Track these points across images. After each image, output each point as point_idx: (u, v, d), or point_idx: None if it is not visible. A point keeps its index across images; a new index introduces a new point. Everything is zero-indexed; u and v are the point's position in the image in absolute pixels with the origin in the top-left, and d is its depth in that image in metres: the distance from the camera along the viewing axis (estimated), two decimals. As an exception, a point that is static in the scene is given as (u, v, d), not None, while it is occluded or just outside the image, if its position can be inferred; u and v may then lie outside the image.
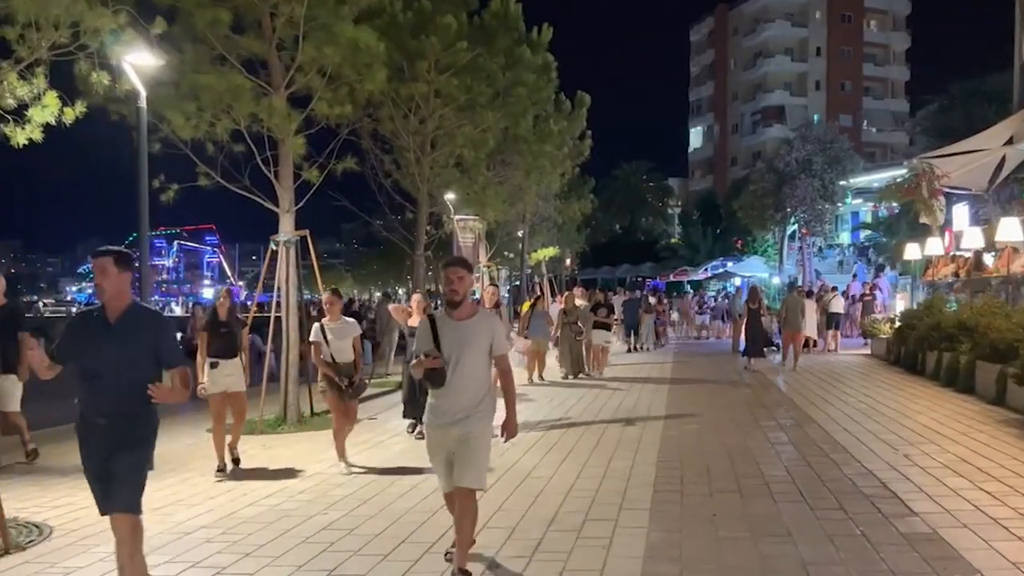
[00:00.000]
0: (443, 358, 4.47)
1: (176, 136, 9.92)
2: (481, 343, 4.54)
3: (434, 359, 4.46)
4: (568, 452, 8.22)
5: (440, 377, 4.48)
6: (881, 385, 13.14)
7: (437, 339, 4.51)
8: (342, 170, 11.75)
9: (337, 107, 10.57)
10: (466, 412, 4.52)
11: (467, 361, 4.50)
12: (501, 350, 4.67)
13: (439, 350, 4.47)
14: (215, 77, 9.45)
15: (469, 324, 4.55)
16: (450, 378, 4.49)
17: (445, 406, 4.55)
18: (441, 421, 4.56)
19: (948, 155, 18.05)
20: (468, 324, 4.55)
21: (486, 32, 15.22)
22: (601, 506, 6.13)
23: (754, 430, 9.32)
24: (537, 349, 14.52)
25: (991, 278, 14.75)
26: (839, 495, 6.19)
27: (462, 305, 4.58)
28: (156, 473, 7.93)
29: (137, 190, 7.95)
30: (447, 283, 4.56)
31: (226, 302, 8.09)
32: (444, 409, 4.55)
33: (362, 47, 10.09)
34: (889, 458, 7.47)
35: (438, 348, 4.48)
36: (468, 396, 4.53)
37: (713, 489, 6.55)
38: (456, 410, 4.51)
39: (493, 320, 4.69)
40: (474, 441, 4.54)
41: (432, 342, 4.52)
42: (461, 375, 4.50)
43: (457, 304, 4.55)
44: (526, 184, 19.43)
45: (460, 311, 4.56)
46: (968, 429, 8.79)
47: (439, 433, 4.60)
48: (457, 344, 4.49)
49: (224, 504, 6.60)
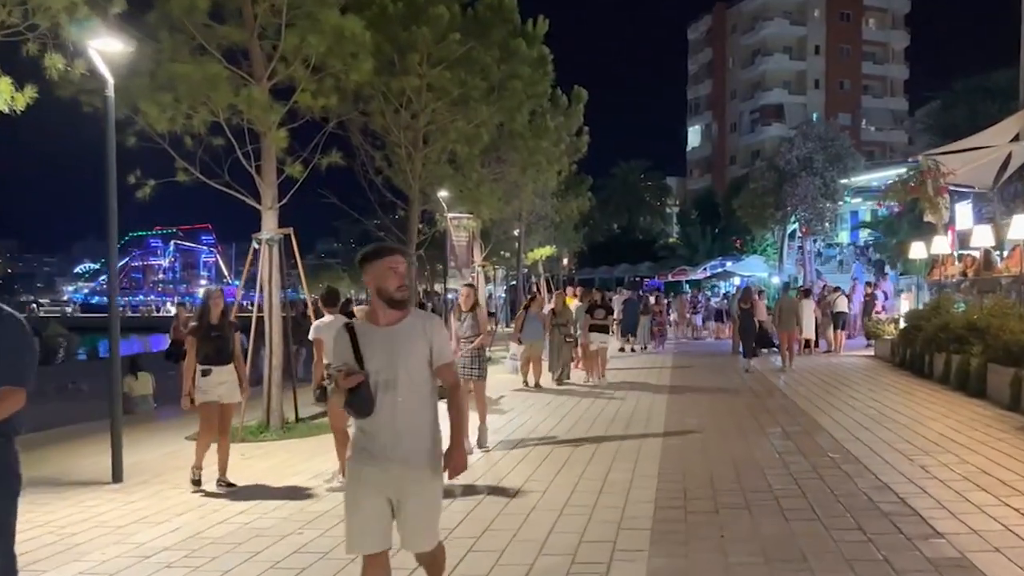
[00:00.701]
0: (367, 375, 3.41)
1: (152, 129, 9.44)
2: (417, 352, 3.48)
3: (353, 374, 3.38)
4: (562, 464, 7.74)
5: (366, 401, 3.40)
6: (889, 389, 12.68)
7: (358, 352, 3.44)
8: (332, 166, 11.33)
9: (322, 99, 10.10)
10: (408, 447, 3.41)
11: (402, 377, 3.42)
12: (444, 358, 3.56)
13: (361, 365, 3.43)
14: (191, 66, 8.98)
15: (399, 330, 3.48)
16: (380, 402, 3.41)
17: (377, 441, 3.42)
18: (369, 458, 3.43)
19: (953, 152, 17.63)
20: (398, 330, 3.48)
21: (480, 24, 14.75)
22: (598, 525, 5.65)
23: (760, 438, 8.85)
24: (531, 353, 13.87)
25: (1001, 278, 14.30)
26: (855, 512, 5.72)
27: (406, 306, 3.62)
28: (124, 486, 7.56)
29: (104, 186, 7.45)
30: (384, 278, 3.46)
31: (219, 302, 7.41)
32: (377, 445, 3.42)
33: (347, 36, 9.63)
34: (905, 469, 7.01)
35: (360, 363, 3.43)
36: (407, 425, 3.42)
37: (719, 505, 6.08)
38: (393, 444, 3.40)
39: (430, 322, 3.59)
40: (425, 490, 3.45)
41: (352, 356, 3.45)
42: (395, 397, 3.41)
43: (404, 303, 3.52)
44: (522, 181, 18.96)
45: (392, 313, 3.50)
46: (985, 437, 8.33)
47: (373, 471, 3.41)
48: (386, 356, 3.42)
49: (192, 522, 6.12)
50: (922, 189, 17.67)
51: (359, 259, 3.53)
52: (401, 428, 3.42)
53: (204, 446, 7.26)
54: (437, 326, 3.60)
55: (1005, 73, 27.82)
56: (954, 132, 23.31)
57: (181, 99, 9.23)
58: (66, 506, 6.75)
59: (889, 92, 70.55)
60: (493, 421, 10.32)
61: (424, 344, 3.49)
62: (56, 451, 9.58)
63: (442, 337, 3.58)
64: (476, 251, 19.93)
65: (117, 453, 7.70)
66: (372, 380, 3.42)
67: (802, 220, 32.77)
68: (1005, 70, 28.10)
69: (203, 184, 10.39)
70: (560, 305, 14.70)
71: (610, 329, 15.05)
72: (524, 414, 11.02)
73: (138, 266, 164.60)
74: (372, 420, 3.42)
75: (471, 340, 8.54)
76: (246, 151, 10.11)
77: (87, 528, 6.07)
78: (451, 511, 6.11)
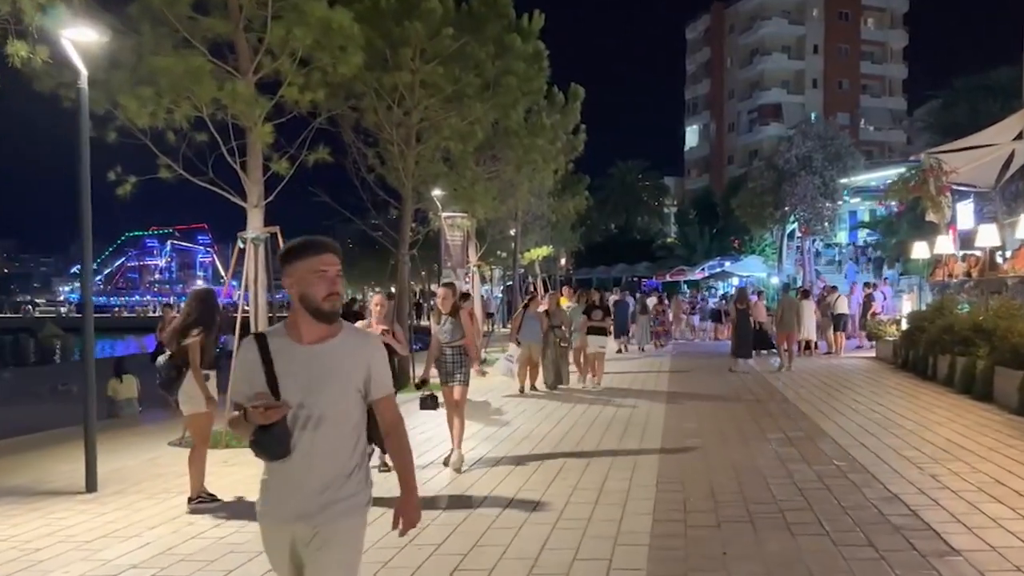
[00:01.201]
0: (284, 407, 2.63)
1: (132, 124, 9.11)
2: (349, 380, 2.73)
3: (273, 408, 2.59)
4: (556, 472, 7.41)
5: (279, 440, 2.64)
6: (892, 392, 12.38)
7: (273, 376, 2.68)
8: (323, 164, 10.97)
9: (309, 93, 9.75)
10: (324, 499, 2.67)
11: (327, 412, 2.69)
12: (383, 389, 2.81)
13: (276, 394, 2.66)
14: (172, 59, 8.64)
15: (327, 351, 2.72)
16: (297, 442, 2.66)
17: (288, 487, 2.70)
18: (281, 513, 2.71)
19: (956, 150, 17.35)
20: (325, 351, 2.72)
21: (474, 19, 14.40)
22: (593, 540, 5.34)
23: (762, 444, 8.54)
24: (529, 355, 13.43)
25: (1007, 278, 13.99)
26: (865, 526, 5.41)
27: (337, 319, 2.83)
28: (98, 495, 7.21)
29: (78, 182, 7.13)
30: (309, 283, 2.70)
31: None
32: (287, 492, 2.70)
33: (335, 28, 9.29)
34: (914, 479, 6.70)
35: (274, 392, 2.66)
36: (327, 470, 2.69)
37: (720, 518, 5.77)
38: (306, 494, 2.67)
39: (367, 342, 2.84)
40: (337, 548, 2.70)
41: (264, 381, 2.68)
42: (315, 436, 2.68)
43: (334, 316, 2.75)
44: (517, 180, 18.61)
45: (317, 329, 2.73)
46: (995, 444, 8.04)
47: (276, 533, 2.75)
48: (308, 384, 2.68)
49: (164, 536, 5.79)
50: (924, 188, 17.37)
51: (281, 255, 2.78)
52: (321, 475, 2.68)
53: (203, 460, 6.75)
54: (376, 348, 2.84)
55: (1006, 71, 27.58)
56: (955, 131, 23.03)
57: (163, 93, 8.90)
58: (35, 518, 6.43)
59: (888, 92, 70.34)
60: (485, 428, 10.02)
61: (359, 370, 2.75)
62: (35, 456, 9.28)
63: (382, 362, 2.82)
64: (471, 251, 19.59)
65: (91, 461, 7.36)
66: (290, 413, 2.66)
67: (801, 220, 32.48)
68: (1006, 68, 27.88)
69: (188, 182, 10.07)
70: (554, 306, 14.23)
71: (608, 332, 14.55)
72: (516, 419, 10.70)
73: (134, 266, 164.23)
74: (285, 465, 2.68)
75: (451, 345, 7.89)
76: (231, 147, 9.77)
77: (53, 543, 5.74)
78: (438, 524, 5.81)
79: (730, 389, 13.52)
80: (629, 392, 13.31)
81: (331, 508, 2.67)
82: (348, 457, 2.74)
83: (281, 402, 2.63)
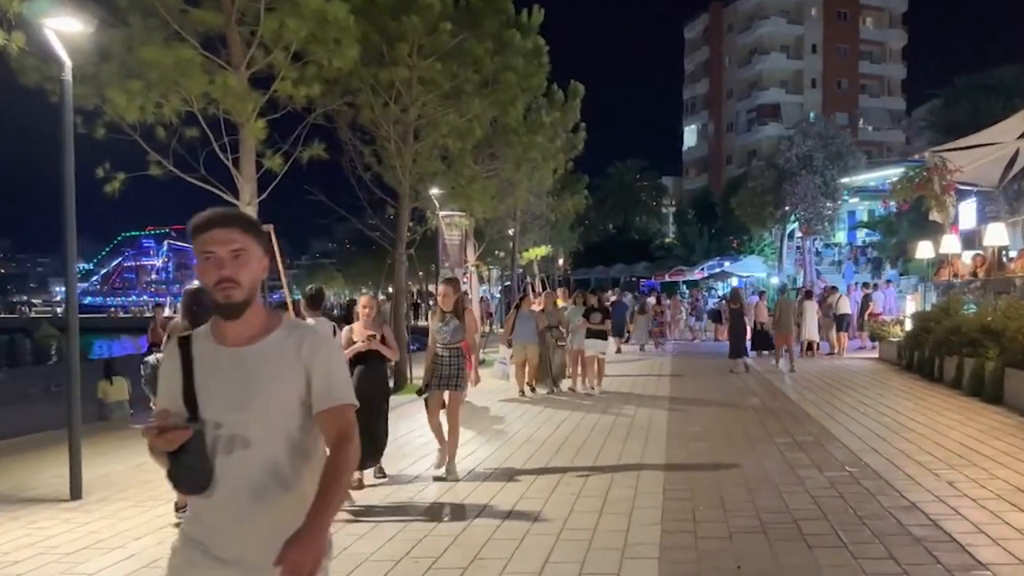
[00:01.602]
0: (201, 426, 2.07)
1: (121, 119, 8.85)
2: (285, 390, 2.13)
3: (170, 429, 2.04)
4: (558, 479, 7.13)
5: (196, 470, 2.07)
6: (899, 394, 12.14)
7: (191, 387, 2.12)
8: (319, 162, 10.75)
9: (303, 88, 9.51)
10: (265, 546, 2.02)
11: (256, 431, 2.09)
12: (331, 398, 2.16)
13: (194, 411, 2.10)
14: (161, 51, 8.37)
15: (257, 353, 2.13)
16: (223, 471, 2.08)
17: (216, 533, 2.12)
18: (210, 563, 2.12)
19: (960, 148, 17.14)
20: (255, 353, 2.13)
21: (472, 14, 14.11)
22: (599, 552, 5.07)
23: (769, 448, 8.28)
24: (524, 357, 13.01)
25: (1015, 278, 13.75)
26: (884, 538, 5.15)
27: (243, 314, 2.12)
28: (83, 503, 6.91)
29: (61, 178, 6.86)
30: (199, 269, 2.12)
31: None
32: (215, 540, 2.12)
33: (330, 20, 9.04)
34: (931, 486, 6.45)
35: (191, 408, 2.10)
36: (264, 507, 2.09)
37: (732, 529, 5.50)
38: (241, 540, 2.10)
39: (310, 339, 2.20)
40: None
41: (179, 393, 2.13)
42: (243, 463, 2.09)
43: (235, 311, 2.11)
44: (516, 178, 18.30)
45: (238, 327, 2.13)
46: (1011, 448, 7.79)
47: (201, 569, 2.13)
48: (233, 396, 2.10)
49: (150, 548, 5.52)
50: (929, 186, 17.14)
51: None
52: (257, 514, 2.07)
53: None
54: (321, 346, 2.19)
55: (1009, 70, 27.48)
56: (957, 130, 22.86)
57: (152, 87, 8.64)
58: (15, 528, 6.15)
59: (886, 91, 70.17)
60: (484, 433, 9.76)
61: (297, 376, 2.14)
62: (23, 461, 9.03)
63: (330, 362, 2.20)
64: (469, 250, 19.31)
65: (76, 468, 7.10)
66: (210, 435, 2.08)
67: (802, 220, 32.27)
68: (1009, 67, 27.76)
69: (180, 179, 9.82)
70: (550, 305, 13.78)
71: (608, 335, 14.17)
72: (516, 423, 10.43)
73: (131, 266, 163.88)
74: (210, 502, 2.09)
75: (449, 347, 7.34)
76: (222, 143, 9.52)
77: (33, 555, 5.47)
78: (435, 536, 5.54)
79: (733, 391, 13.27)
80: (631, 395, 13.05)
81: (268, 555, 1.99)
82: (291, 489, 2.12)
83: (180, 422, 2.06)
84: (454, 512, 6.18)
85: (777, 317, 17.09)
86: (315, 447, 2.21)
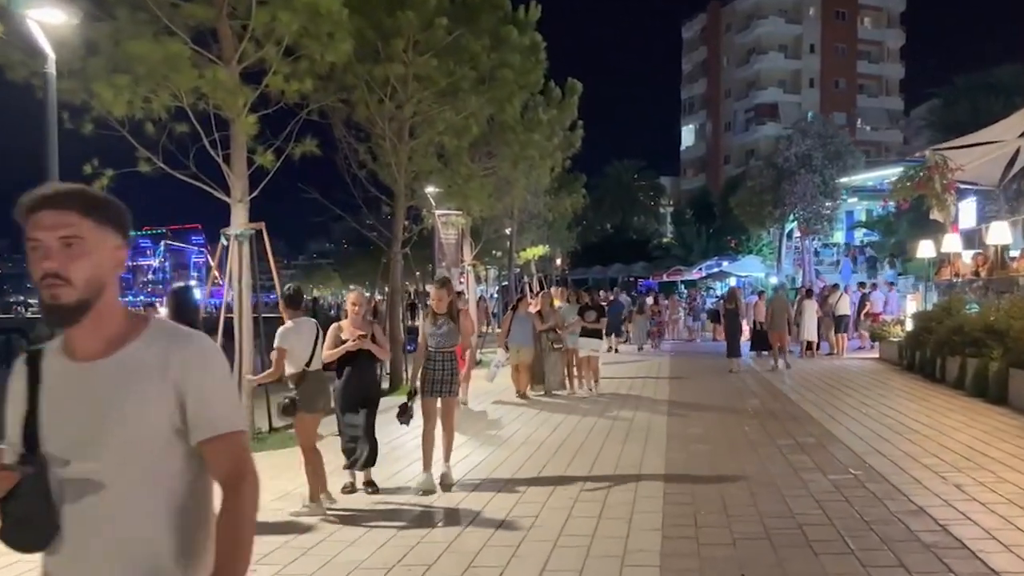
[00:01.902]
0: (35, 468, 1.64)
1: (109, 113, 8.66)
2: (149, 413, 1.67)
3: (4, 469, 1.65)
4: (555, 484, 6.95)
5: (27, 523, 1.64)
6: (902, 395, 11.98)
7: (34, 415, 1.69)
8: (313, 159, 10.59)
9: (296, 83, 9.31)
10: None
11: (111, 468, 1.64)
12: (214, 426, 1.71)
13: (32, 446, 1.67)
14: (149, 45, 8.18)
15: (114, 368, 1.68)
16: (70, 522, 1.65)
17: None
18: None
19: (960, 147, 17.00)
20: (111, 368, 1.68)
21: (468, 9, 13.94)
22: (598, 560, 4.89)
23: (772, 451, 8.11)
24: (520, 360, 12.65)
25: (1019, 277, 13.59)
26: (893, 544, 4.98)
27: (79, 319, 1.67)
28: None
29: (45, 173, 6.67)
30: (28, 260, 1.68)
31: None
32: None
33: (323, 13, 8.85)
34: (939, 490, 6.28)
35: (30, 441, 1.67)
36: (123, 567, 1.65)
37: (735, 535, 5.33)
38: None
39: (182, 349, 1.72)
40: None
41: (20, 420, 1.71)
42: (97, 511, 1.64)
43: (65, 315, 1.66)
44: (513, 176, 18.15)
45: (84, 335, 1.69)
46: (1018, 451, 7.62)
47: None
48: (82, 424, 1.65)
49: None
50: (930, 185, 16.99)
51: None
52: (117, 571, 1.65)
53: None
54: (195, 357, 1.72)
55: (1009, 69, 27.37)
56: (956, 129, 22.77)
57: (140, 81, 8.45)
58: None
59: (884, 91, 70.09)
60: (479, 435, 9.59)
61: (163, 396, 1.68)
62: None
63: (209, 379, 1.73)
64: (466, 249, 19.14)
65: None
66: (54, 476, 1.64)
67: (801, 219, 32.13)
68: (1009, 66, 27.66)
69: (170, 177, 9.64)
70: (547, 307, 13.32)
71: (603, 334, 13.94)
72: (512, 426, 10.25)
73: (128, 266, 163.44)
74: (54, 560, 1.68)
75: (441, 351, 6.94)
76: (213, 139, 9.33)
77: (10, 563, 5.28)
78: (428, 543, 5.36)
79: (733, 391, 13.10)
80: (629, 396, 12.86)
81: None
82: (163, 543, 1.66)
83: (10, 461, 1.64)
84: (448, 518, 6.00)
85: (770, 316, 17.00)
86: (197, 488, 1.74)
